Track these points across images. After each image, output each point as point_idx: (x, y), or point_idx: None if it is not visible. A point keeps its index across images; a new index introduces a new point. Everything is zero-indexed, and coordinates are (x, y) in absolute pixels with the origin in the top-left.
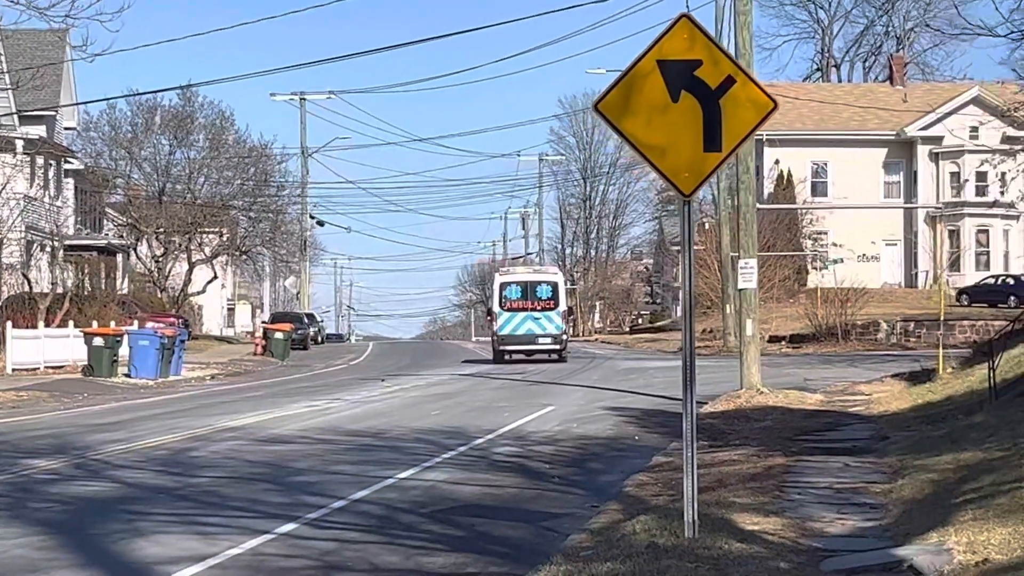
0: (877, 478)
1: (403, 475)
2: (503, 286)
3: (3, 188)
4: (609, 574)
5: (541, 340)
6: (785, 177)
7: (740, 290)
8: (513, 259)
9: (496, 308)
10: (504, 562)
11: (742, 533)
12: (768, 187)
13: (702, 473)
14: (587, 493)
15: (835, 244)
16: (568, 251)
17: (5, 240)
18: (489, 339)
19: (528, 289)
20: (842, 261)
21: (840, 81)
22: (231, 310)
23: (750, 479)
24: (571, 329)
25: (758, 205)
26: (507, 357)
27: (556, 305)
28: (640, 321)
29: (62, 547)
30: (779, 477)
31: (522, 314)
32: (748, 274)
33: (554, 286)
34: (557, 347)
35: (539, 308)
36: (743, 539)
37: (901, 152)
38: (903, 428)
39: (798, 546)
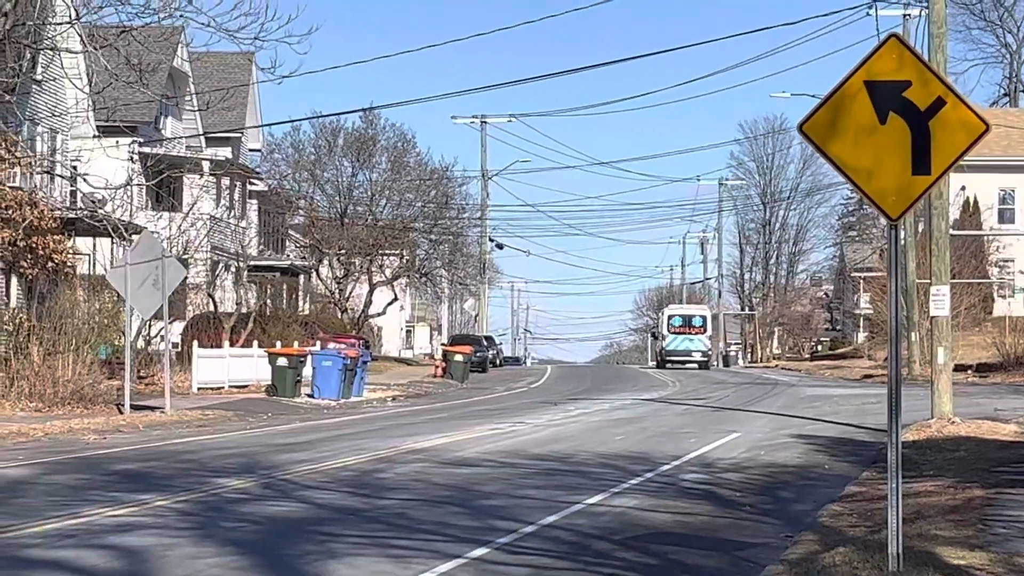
0: None
1: (591, 501)
2: (670, 316)
3: (191, 208)
4: None
5: (694, 354)
6: (971, 204)
7: (932, 318)
8: (692, 283)
9: (664, 331)
10: None
11: (948, 568)
12: (954, 213)
13: None
14: (780, 522)
15: (1022, 272)
16: (747, 276)
17: (192, 260)
18: (679, 362)
19: (687, 319)
20: None
21: None
22: (409, 331)
23: (949, 511)
24: (749, 355)
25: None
26: (668, 365)
27: (705, 331)
28: (819, 348)
29: (255, 567)
30: (980, 510)
31: (681, 336)
32: (940, 301)
33: (704, 318)
34: (704, 359)
35: (693, 332)
36: (949, 574)
37: None
38: None
39: None
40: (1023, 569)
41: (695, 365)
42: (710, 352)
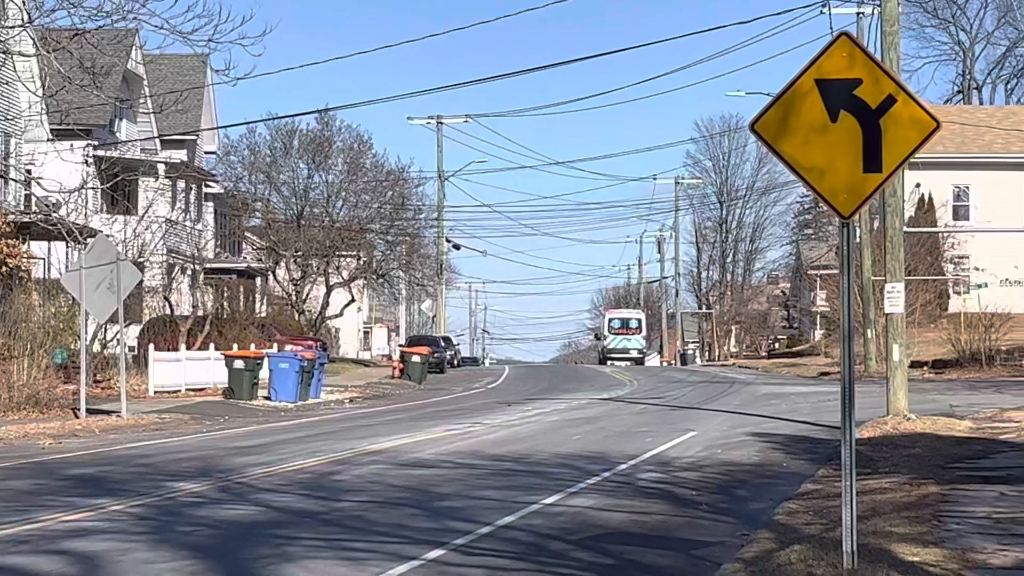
0: None
1: (548, 501)
2: (611, 319)
3: (146, 211)
4: None
5: (630, 351)
6: (926, 201)
7: (887, 314)
8: (650, 282)
9: (606, 332)
10: None
11: (902, 564)
12: (908, 210)
13: None
14: (736, 521)
15: (977, 268)
16: (704, 275)
17: (147, 263)
18: (619, 359)
19: (624, 321)
20: (986, 286)
21: (982, 103)
22: (367, 333)
23: (904, 508)
24: (707, 354)
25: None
26: (608, 363)
27: (640, 331)
28: (776, 346)
29: (211, 571)
30: (935, 506)
31: (620, 336)
32: (895, 298)
33: (640, 320)
34: (640, 356)
35: (630, 333)
36: (904, 571)
37: None
38: None
39: None
40: (976, 565)
41: (632, 361)
42: (644, 349)
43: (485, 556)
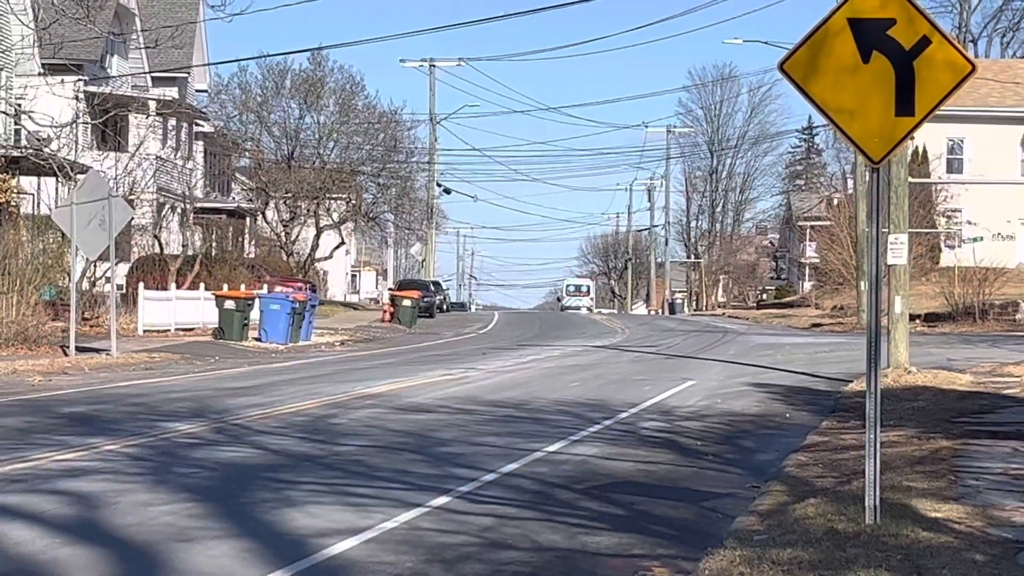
0: None
1: (551, 448)
2: (567, 285)
3: (137, 148)
4: (792, 561)
5: (581, 308)
6: (920, 153)
7: (890, 266)
8: (639, 231)
9: (564, 294)
10: (671, 544)
11: (926, 521)
12: None
13: (864, 455)
14: (744, 472)
15: (970, 222)
16: (693, 224)
17: (138, 200)
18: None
19: (577, 287)
20: (981, 239)
21: (978, 56)
22: (355, 276)
23: (917, 462)
24: (694, 303)
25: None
26: (565, 312)
27: (589, 295)
28: (765, 297)
29: (212, 515)
30: (948, 461)
31: (574, 297)
32: (899, 249)
33: (588, 286)
34: (588, 311)
35: (581, 295)
36: (928, 527)
37: None
38: None
39: (988, 536)
40: (1000, 522)
41: (582, 314)
42: (591, 307)
43: (491, 504)
